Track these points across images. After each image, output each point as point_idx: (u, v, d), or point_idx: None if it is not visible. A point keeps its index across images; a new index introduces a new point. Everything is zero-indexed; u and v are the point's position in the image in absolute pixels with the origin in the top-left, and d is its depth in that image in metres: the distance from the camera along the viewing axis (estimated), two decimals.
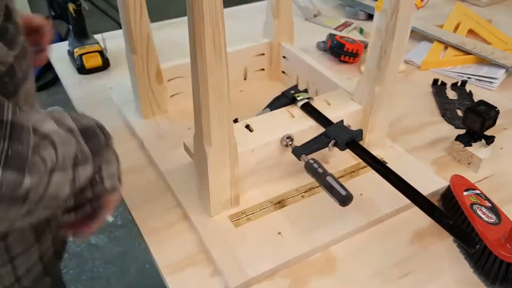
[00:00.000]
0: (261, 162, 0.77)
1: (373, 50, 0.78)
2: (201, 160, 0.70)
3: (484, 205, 0.72)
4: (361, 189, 0.80)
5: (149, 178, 0.85)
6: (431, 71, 1.20)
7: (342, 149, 0.75)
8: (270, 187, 0.80)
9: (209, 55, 0.58)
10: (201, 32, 0.56)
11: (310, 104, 0.83)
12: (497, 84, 1.14)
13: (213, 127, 0.65)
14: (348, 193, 0.66)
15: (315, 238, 0.72)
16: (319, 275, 0.69)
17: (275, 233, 0.73)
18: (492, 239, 0.66)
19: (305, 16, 1.45)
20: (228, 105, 0.64)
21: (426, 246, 0.73)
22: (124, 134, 0.95)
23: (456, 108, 1.05)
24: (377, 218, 0.76)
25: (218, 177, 0.71)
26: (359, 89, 0.84)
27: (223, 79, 0.62)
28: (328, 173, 0.69)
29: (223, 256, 0.69)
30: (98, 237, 1.88)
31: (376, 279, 0.68)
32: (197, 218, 0.75)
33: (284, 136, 0.76)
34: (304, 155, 0.73)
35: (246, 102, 1.02)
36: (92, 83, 1.12)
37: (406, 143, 0.93)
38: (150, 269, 1.75)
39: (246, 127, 0.77)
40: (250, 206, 0.77)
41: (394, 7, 0.71)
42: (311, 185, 0.81)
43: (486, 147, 0.87)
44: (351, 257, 0.71)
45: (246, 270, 0.67)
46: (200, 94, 0.63)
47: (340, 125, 0.77)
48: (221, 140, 0.67)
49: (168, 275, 0.68)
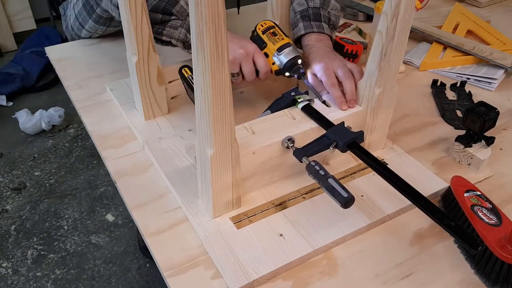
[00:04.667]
0: (263, 164, 0.77)
1: (373, 52, 0.78)
2: (203, 163, 0.70)
3: (484, 207, 0.72)
4: (362, 190, 0.81)
5: (150, 180, 0.85)
6: (430, 72, 1.20)
7: (343, 151, 0.75)
8: (271, 189, 0.81)
9: (211, 57, 0.58)
10: (203, 34, 0.57)
11: (310, 106, 0.83)
12: (496, 84, 1.14)
13: (215, 129, 0.65)
14: (350, 195, 0.66)
15: (316, 240, 0.72)
16: (320, 277, 0.69)
17: (277, 234, 0.73)
18: (493, 240, 0.66)
19: None
20: (230, 107, 0.64)
21: (427, 247, 0.74)
22: (125, 135, 0.95)
23: (455, 108, 1.05)
24: (379, 220, 0.76)
25: (220, 179, 0.71)
26: (360, 91, 0.84)
27: (225, 81, 0.62)
28: (330, 175, 0.70)
29: (224, 258, 0.69)
30: (98, 236, 1.88)
31: (377, 280, 0.69)
32: (199, 219, 0.75)
33: (285, 138, 0.77)
34: (305, 157, 0.74)
35: (246, 104, 1.02)
36: (93, 84, 1.12)
37: (405, 144, 0.93)
38: (150, 269, 1.76)
39: (248, 129, 0.78)
40: (252, 208, 0.77)
41: (394, 10, 0.72)
42: (312, 187, 0.81)
43: (486, 148, 0.88)
44: (353, 259, 0.72)
45: (248, 272, 0.67)
46: (202, 96, 0.63)
47: (341, 126, 0.78)
48: (223, 142, 0.67)
49: (170, 277, 0.68)
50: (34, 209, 2.01)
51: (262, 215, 0.76)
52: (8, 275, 1.73)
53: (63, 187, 2.12)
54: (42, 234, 1.90)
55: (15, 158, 2.29)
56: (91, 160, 2.28)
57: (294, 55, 0.90)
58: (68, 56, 1.23)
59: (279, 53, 0.91)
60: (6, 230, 1.92)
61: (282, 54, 0.91)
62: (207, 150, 0.67)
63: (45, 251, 1.83)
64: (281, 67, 0.91)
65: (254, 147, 0.75)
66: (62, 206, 2.03)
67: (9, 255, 1.81)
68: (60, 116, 2.47)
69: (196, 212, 0.76)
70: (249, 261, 0.69)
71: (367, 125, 0.85)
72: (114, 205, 2.03)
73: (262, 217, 0.76)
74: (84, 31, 1.24)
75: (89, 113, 1.02)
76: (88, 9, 1.17)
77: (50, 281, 1.71)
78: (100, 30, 1.24)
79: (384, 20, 0.74)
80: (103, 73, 1.15)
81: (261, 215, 0.76)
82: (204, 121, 0.65)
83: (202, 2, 0.54)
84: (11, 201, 2.05)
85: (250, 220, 0.75)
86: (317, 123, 0.80)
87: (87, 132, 1.13)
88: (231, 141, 0.68)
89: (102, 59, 1.21)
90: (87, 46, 1.27)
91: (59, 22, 3.14)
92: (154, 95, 0.94)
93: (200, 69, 0.60)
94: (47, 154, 2.32)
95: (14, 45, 3.15)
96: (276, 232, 0.73)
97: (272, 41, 0.92)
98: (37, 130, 2.43)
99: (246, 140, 0.76)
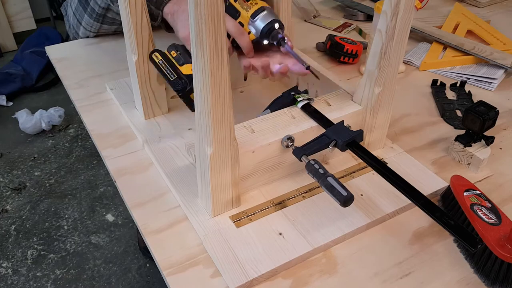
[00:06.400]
0: (262, 162, 0.77)
1: (373, 51, 0.78)
2: (203, 161, 0.70)
3: (484, 206, 0.72)
4: (361, 189, 0.81)
5: (149, 178, 0.85)
6: (430, 72, 1.20)
7: (343, 149, 0.75)
8: (270, 188, 0.81)
9: (210, 56, 0.58)
10: (203, 33, 0.57)
11: (310, 105, 0.83)
12: (496, 84, 1.14)
13: (215, 128, 0.65)
14: (349, 194, 0.66)
15: (316, 238, 0.72)
16: (320, 276, 0.69)
17: (276, 233, 0.73)
18: (492, 239, 0.66)
19: (304, 17, 1.45)
20: (229, 106, 0.64)
21: (426, 246, 0.74)
22: (125, 134, 0.95)
23: (455, 108, 1.05)
24: (378, 219, 0.76)
25: (219, 178, 0.71)
26: (360, 90, 0.84)
27: (225, 80, 0.62)
28: (329, 174, 0.70)
29: (224, 257, 0.69)
30: (98, 236, 1.88)
31: (376, 279, 0.69)
32: (198, 218, 0.75)
33: (285, 137, 0.77)
34: (304, 156, 0.74)
35: (246, 103, 1.02)
36: (93, 83, 1.12)
37: (405, 144, 0.93)
38: (150, 269, 1.76)
39: (247, 128, 0.78)
40: (251, 207, 0.77)
41: (394, 9, 0.72)
42: (311, 186, 0.81)
43: (485, 147, 0.88)
44: (352, 257, 0.72)
45: (248, 271, 0.67)
46: (201, 95, 0.63)
47: (340, 125, 0.78)
48: (222, 141, 0.67)
49: (169, 276, 0.68)
50: (34, 209, 2.01)
51: (262, 214, 0.76)
52: (8, 275, 1.74)
53: (63, 187, 2.13)
54: (42, 234, 1.90)
55: (15, 158, 2.29)
56: (91, 160, 2.28)
57: (270, 19, 0.84)
58: (68, 56, 1.23)
59: (254, 20, 0.84)
60: (6, 230, 1.92)
61: (257, 20, 0.84)
62: (207, 149, 0.67)
63: (45, 251, 1.83)
64: (258, 35, 0.85)
65: (254, 146, 0.75)
66: (62, 206, 2.03)
67: (9, 255, 1.81)
68: (60, 116, 2.47)
69: (196, 211, 0.77)
70: (248, 260, 0.69)
71: (366, 124, 0.85)
72: (114, 205, 2.03)
73: (262, 216, 0.76)
74: (82, 28, 1.24)
75: (89, 113, 1.02)
76: (84, 3, 1.18)
77: (50, 281, 1.71)
78: (95, 27, 1.23)
79: (384, 19, 0.74)
80: (103, 73, 1.16)
81: (260, 214, 0.76)
82: (203, 120, 0.65)
83: (201, 1, 0.54)
84: (11, 201, 2.06)
85: (250, 219, 0.75)
86: (316, 122, 0.80)
87: (87, 132, 1.13)
88: (231, 139, 0.68)
89: (102, 59, 1.21)
90: (87, 45, 1.27)
91: (59, 22, 3.15)
92: (154, 94, 0.94)
93: (200, 68, 0.60)
94: (47, 154, 2.32)
95: (14, 45, 3.16)
96: (275, 231, 0.74)
97: (245, 8, 0.85)
98: (37, 130, 2.43)
99: (246, 139, 0.76)
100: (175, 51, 0.85)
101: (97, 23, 1.22)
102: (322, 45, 1.26)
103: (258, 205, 0.78)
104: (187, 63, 0.83)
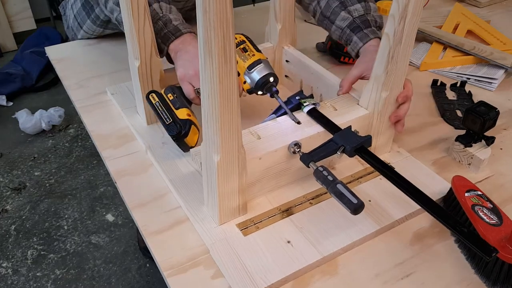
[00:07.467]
0: (269, 169, 0.76)
1: (380, 55, 0.77)
2: (210, 169, 0.69)
3: (485, 206, 0.72)
4: (369, 195, 0.80)
5: (150, 179, 0.85)
6: (430, 72, 1.20)
7: (351, 155, 0.74)
8: (277, 194, 0.80)
9: (219, 63, 0.57)
10: (211, 40, 0.56)
11: (316, 110, 0.82)
12: (496, 84, 1.14)
13: (222, 136, 0.64)
14: (360, 201, 0.65)
15: (325, 247, 0.71)
16: (321, 277, 0.69)
17: (285, 241, 0.72)
18: (493, 240, 0.66)
19: (304, 17, 1.45)
20: (237, 114, 0.63)
21: (427, 247, 0.74)
22: (125, 135, 0.95)
23: (455, 108, 1.05)
24: (387, 225, 0.75)
25: (226, 185, 0.70)
26: (366, 94, 0.83)
27: (233, 88, 0.61)
28: (338, 181, 0.68)
29: (232, 266, 0.68)
30: (98, 236, 1.88)
31: (377, 280, 0.69)
32: (205, 226, 0.74)
33: (292, 143, 0.76)
34: (312, 163, 0.72)
35: (250, 108, 1.01)
36: (93, 84, 1.12)
37: (406, 144, 0.93)
38: (150, 269, 1.76)
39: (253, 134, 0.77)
40: (258, 214, 0.76)
41: (402, 13, 0.70)
42: (318, 192, 0.80)
43: (486, 147, 0.88)
44: (353, 258, 0.72)
45: (256, 281, 0.66)
46: (209, 103, 0.62)
47: (348, 131, 0.76)
48: (230, 149, 0.66)
49: (170, 277, 0.68)
50: (34, 209, 2.01)
51: (269, 222, 0.75)
52: (8, 275, 1.73)
53: (63, 187, 2.12)
54: (42, 234, 1.90)
55: (15, 158, 2.29)
56: (91, 160, 2.27)
57: (266, 72, 0.86)
58: (68, 56, 1.23)
59: (250, 71, 0.86)
60: (6, 230, 1.92)
61: (253, 72, 0.86)
62: (214, 156, 0.66)
63: (45, 251, 1.83)
64: (253, 85, 0.87)
65: (260, 153, 0.74)
66: (62, 206, 2.03)
67: (9, 255, 1.81)
68: (60, 116, 2.47)
69: (202, 219, 0.75)
70: (257, 269, 0.67)
71: (373, 129, 0.84)
72: (114, 205, 2.03)
73: (269, 223, 0.75)
74: (82, 31, 1.24)
75: (89, 113, 1.02)
76: (88, 9, 1.17)
77: (50, 281, 1.71)
78: (97, 31, 1.24)
79: (391, 23, 0.73)
80: (103, 73, 1.15)
81: (267, 222, 0.75)
82: (211, 128, 0.64)
83: (210, 8, 0.53)
84: (11, 201, 2.05)
85: (257, 226, 0.74)
86: (323, 127, 0.79)
87: (87, 132, 1.13)
88: (238, 147, 0.67)
89: (102, 59, 1.21)
90: (87, 46, 1.27)
91: (59, 22, 3.15)
92: None
93: (208, 75, 0.59)
94: (47, 154, 2.32)
95: (14, 45, 3.15)
96: (283, 239, 0.72)
97: (242, 58, 0.87)
98: (37, 130, 2.43)
99: (252, 146, 0.75)
100: (172, 93, 0.86)
101: (100, 28, 1.22)
102: (322, 45, 1.25)
103: (265, 212, 0.76)
104: (183, 107, 0.83)
